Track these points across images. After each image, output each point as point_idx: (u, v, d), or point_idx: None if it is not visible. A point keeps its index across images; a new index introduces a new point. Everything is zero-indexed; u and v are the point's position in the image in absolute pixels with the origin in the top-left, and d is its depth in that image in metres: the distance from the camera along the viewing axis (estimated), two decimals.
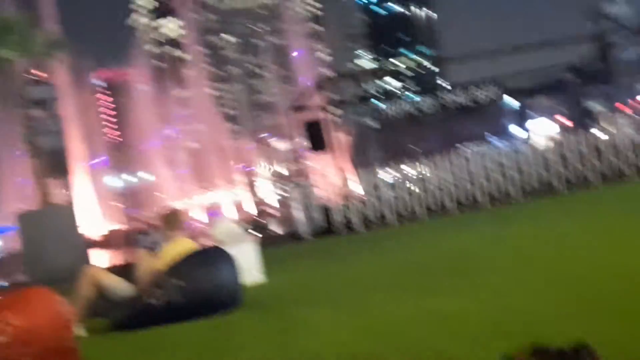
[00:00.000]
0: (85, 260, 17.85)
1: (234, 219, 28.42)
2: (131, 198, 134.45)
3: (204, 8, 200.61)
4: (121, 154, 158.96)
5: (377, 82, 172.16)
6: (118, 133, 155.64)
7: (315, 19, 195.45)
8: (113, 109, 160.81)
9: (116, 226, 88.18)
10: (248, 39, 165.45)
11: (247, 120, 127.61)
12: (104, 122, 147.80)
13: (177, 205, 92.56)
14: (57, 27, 64.12)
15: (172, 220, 7.90)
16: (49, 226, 16.86)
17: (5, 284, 29.06)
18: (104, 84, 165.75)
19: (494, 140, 54.23)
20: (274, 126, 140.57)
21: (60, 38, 17.95)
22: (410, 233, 18.61)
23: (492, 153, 25.09)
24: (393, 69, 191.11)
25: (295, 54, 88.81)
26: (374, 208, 21.95)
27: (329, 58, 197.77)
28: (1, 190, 71.42)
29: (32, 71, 18.85)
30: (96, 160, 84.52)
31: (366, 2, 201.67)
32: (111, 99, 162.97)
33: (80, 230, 18.16)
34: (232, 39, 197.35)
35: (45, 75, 19.52)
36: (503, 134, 53.45)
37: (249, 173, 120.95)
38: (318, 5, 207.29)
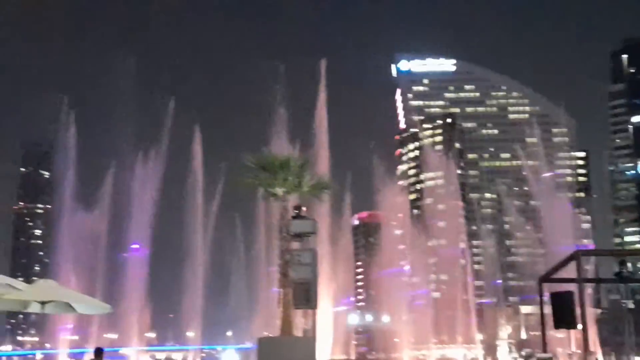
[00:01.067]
0: None
1: None
2: (367, 337, 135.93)
3: (465, 164, 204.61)
4: (365, 292, 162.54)
5: None
6: (364, 271, 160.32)
7: (580, 186, 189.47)
8: (364, 249, 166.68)
9: None
10: (505, 198, 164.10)
11: (493, 279, 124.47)
12: (357, 260, 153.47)
13: (410, 353, 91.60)
14: (326, 168, 69.39)
15: None
16: (286, 354, 17.65)
17: None
18: (359, 224, 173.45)
19: None
20: (520, 289, 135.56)
21: (327, 180, 19.43)
22: None
23: None
24: None
25: (553, 219, 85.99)
26: None
27: (589, 227, 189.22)
28: (254, 312, 76.37)
29: (297, 205, 20.44)
30: (343, 302, 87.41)
31: (639, 174, 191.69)
32: (363, 240, 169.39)
33: None
34: (489, 196, 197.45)
35: (306, 210, 20.98)
36: None
37: (487, 332, 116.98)
38: (584, 171, 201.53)
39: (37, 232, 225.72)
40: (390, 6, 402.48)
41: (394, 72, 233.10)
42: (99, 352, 18.26)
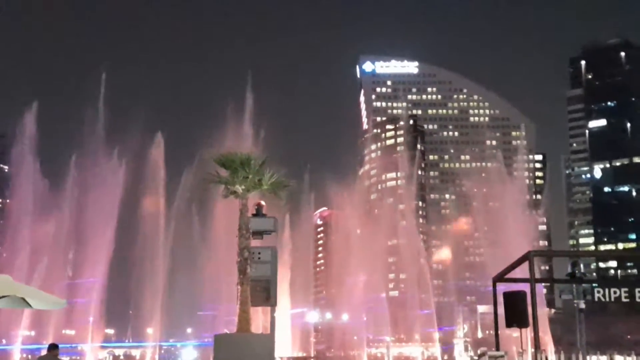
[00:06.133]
0: None
1: None
2: (325, 334, 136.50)
3: (426, 165, 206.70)
4: (325, 289, 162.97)
5: (594, 262, 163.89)
6: (325, 270, 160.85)
7: (537, 189, 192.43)
8: (324, 247, 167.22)
9: (303, 358, 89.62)
10: (464, 198, 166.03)
11: (452, 279, 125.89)
12: (317, 259, 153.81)
13: (369, 351, 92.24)
14: (283, 168, 69.71)
15: None
16: (243, 351, 17.83)
17: None
18: (321, 222, 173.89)
19: None
20: (477, 289, 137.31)
21: (286, 179, 19.55)
22: None
23: None
24: (614, 251, 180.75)
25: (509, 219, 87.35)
26: None
27: (545, 229, 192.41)
28: (215, 310, 76.20)
29: (257, 203, 20.51)
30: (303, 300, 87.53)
31: (594, 178, 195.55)
32: (323, 238, 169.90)
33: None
34: (448, 197, 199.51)
35: (265, 208, 21.02)
36: None
37: (445, 331, 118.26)
38: (541, 174, 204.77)
39: None
40: (355, 6, 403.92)
41: (358, 73, 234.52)
42: (53, 347, 18.21)
